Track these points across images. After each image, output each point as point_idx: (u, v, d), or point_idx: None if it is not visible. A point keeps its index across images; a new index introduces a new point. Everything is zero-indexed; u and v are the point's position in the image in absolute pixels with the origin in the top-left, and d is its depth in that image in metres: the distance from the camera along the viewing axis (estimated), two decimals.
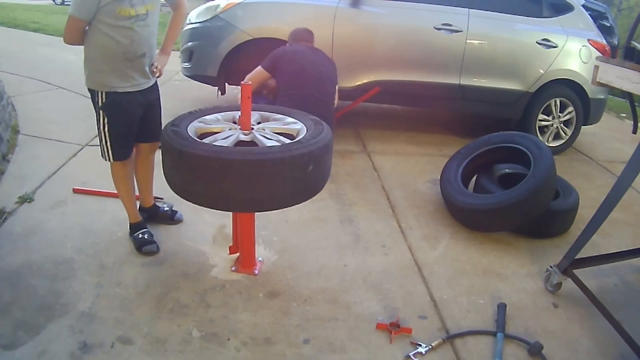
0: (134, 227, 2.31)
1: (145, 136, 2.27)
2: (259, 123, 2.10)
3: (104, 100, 2.05)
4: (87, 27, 1.96)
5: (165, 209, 2.51)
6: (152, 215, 2.49)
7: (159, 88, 2.30)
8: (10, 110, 3.77)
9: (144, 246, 2.24)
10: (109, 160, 2.16)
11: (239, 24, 3.74)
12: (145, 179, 2.42)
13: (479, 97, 4.08)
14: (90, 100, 2.10)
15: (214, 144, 1.82)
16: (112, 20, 1.92)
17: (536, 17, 4.14)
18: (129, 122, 2.13)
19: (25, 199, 2.58)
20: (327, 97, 3.11)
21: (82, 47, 2.03)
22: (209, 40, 3.86)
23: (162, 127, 1.97)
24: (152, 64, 2.14)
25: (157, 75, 2.18)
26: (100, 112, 2.07)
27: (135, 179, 2.39)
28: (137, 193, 2.45)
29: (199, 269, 2.17)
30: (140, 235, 2.28)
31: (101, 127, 2.10)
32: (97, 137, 2.15)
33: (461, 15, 3.92)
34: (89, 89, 2.08)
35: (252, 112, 2.01)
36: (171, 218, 2.49)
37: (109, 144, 2.12)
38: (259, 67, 3.09)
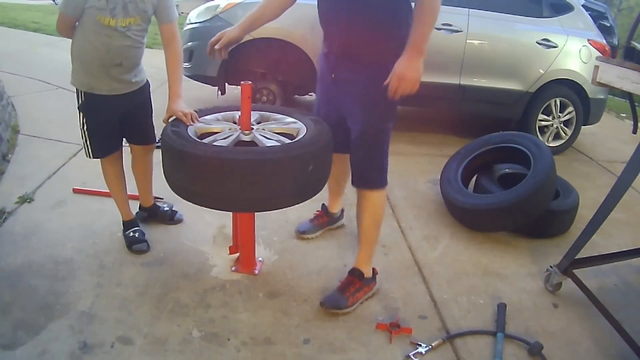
0: (126, 225, 2.32)
1: (136, 138, 2.27)
2: (258, 123, 2.10)
3: (82, 100, 2.06)
4: (76, 24, 1.96)
5: (165, 209, 2.51)
6: (152, 214, 2.49)
7: (150, 89, 2.26)
8: (10, 110, 3.77)
9: (134, 245, 2.25)
10: (88, 156, 2.17)
11: None
12: (143, 180, 2.42)
13: (479, 97, 4.09)
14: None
15: (214, 144, 1.83)
16: (92, 26, 1.91)
17: (536, 17, 4.14)
18: (104, 123, 2.12)
19: (25, 199, 2.58)
20: None
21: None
22: (209, 41, 3.86)
23: (162, 128, 1.97)
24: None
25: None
26: (79, 110, 2.09)
27: (135, 180, 2.40)
28: (136, 193, 2.45)
29: (199, 269, 2.17)
30: (132, 234, 2.28)
31: (80, 125, 2.11)
32: None
33: (461, 15, 3.91)
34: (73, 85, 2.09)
35: (251, 112, 2.01)
36: (171, 218, 2.49)
37: (88, 142, 2.13)
38: None
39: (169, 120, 1.96)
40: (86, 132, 2.11)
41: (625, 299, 2.26)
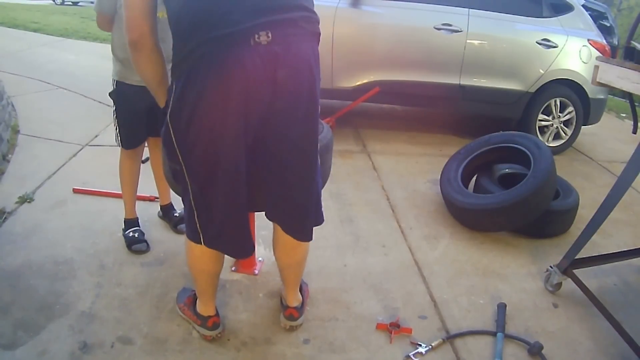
0: (127, 224, 2.32)
1: (155, 130, 2.25)
2: None
3: (113, 88, 2.12)
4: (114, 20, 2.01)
5: (176, 214, 2.48)
6: (165, 213, 2.50)
7: None
8: (10, 110, 3.78)
9: (134, 244, 2.25)
10: (119, 145, 2.21)
11: None
12: (159, 176, 2.41)
13: (479, 97, 4.08)
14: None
15: None
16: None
17: (536, 17, 4.14)
18: (133, 113, 2.15)
19: (25, 199, 2.58)
20: None
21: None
22: None
23: None
24: None
25: None
26: (110, 97, 2.15)
27: (154, 177, 2.43)
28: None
29: None
30: (131, 234, 2.28)
31: (113, 114, 2.17)
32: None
33: (461, 15, 3.92)
34: None
35: None
36: (175, 225, 2.44)
37: (118, 130, 2.18)
38: None
39: None
40: (116, 121, 2.16)
41: (625, 299, 2.25)
